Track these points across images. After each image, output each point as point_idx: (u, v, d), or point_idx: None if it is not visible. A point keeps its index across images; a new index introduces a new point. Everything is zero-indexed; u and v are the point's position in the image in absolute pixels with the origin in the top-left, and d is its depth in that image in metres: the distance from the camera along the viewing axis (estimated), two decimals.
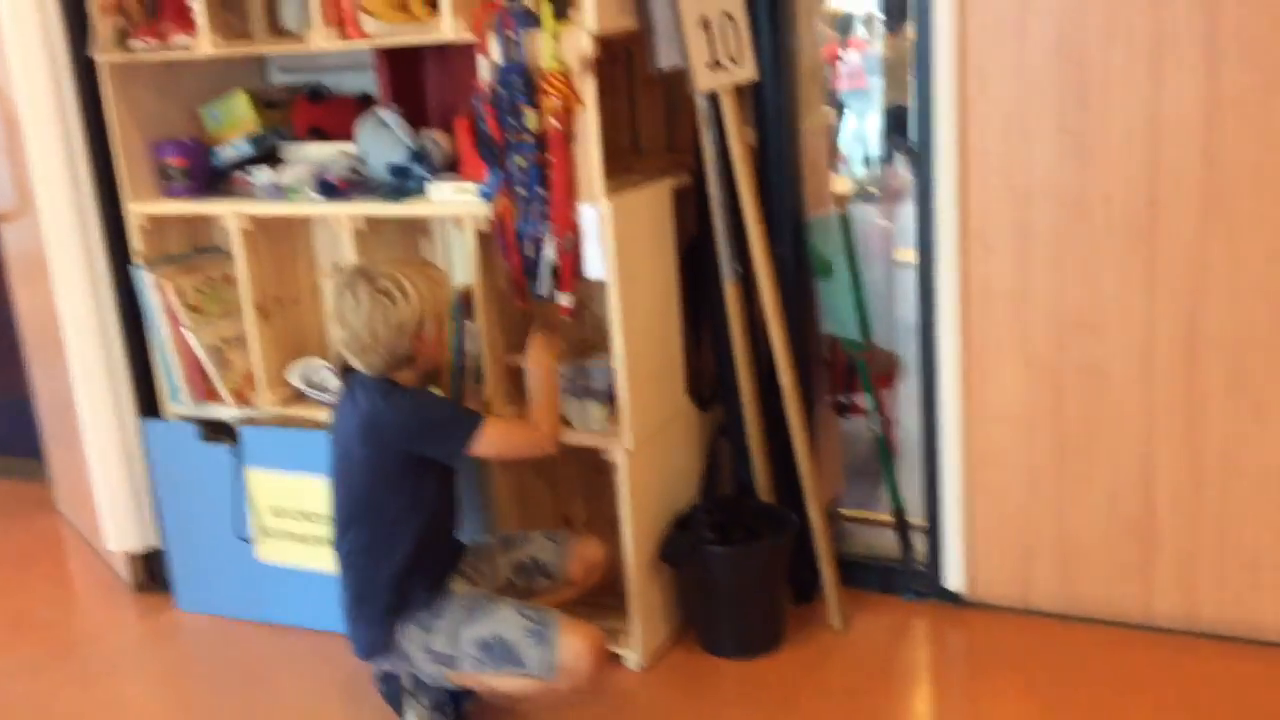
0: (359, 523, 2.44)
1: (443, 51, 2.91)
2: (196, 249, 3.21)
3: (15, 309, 3.86)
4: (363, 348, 2.36)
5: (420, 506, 2.43)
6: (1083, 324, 2.68)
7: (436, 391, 2.63)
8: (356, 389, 2.43)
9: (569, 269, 2.56)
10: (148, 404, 3.23)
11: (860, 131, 8.04)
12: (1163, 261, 2.58)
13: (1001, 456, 2.83)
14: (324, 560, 2.69)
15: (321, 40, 2.67)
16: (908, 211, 2.90)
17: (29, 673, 3.02)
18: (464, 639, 2.38)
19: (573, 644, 2.35)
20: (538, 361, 2.61)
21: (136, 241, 3.07)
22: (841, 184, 3.51)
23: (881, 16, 8.05)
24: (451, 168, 2.87)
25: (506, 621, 2.38)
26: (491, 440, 2.41)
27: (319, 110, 3.16)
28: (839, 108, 8.07)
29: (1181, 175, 2.51)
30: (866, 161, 7.86)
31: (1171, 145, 2.51)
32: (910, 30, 2.71)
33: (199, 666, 3.05)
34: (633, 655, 2.76)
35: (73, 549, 3.74)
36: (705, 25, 2.59)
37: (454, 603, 2.43)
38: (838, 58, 8.05)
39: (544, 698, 2.48)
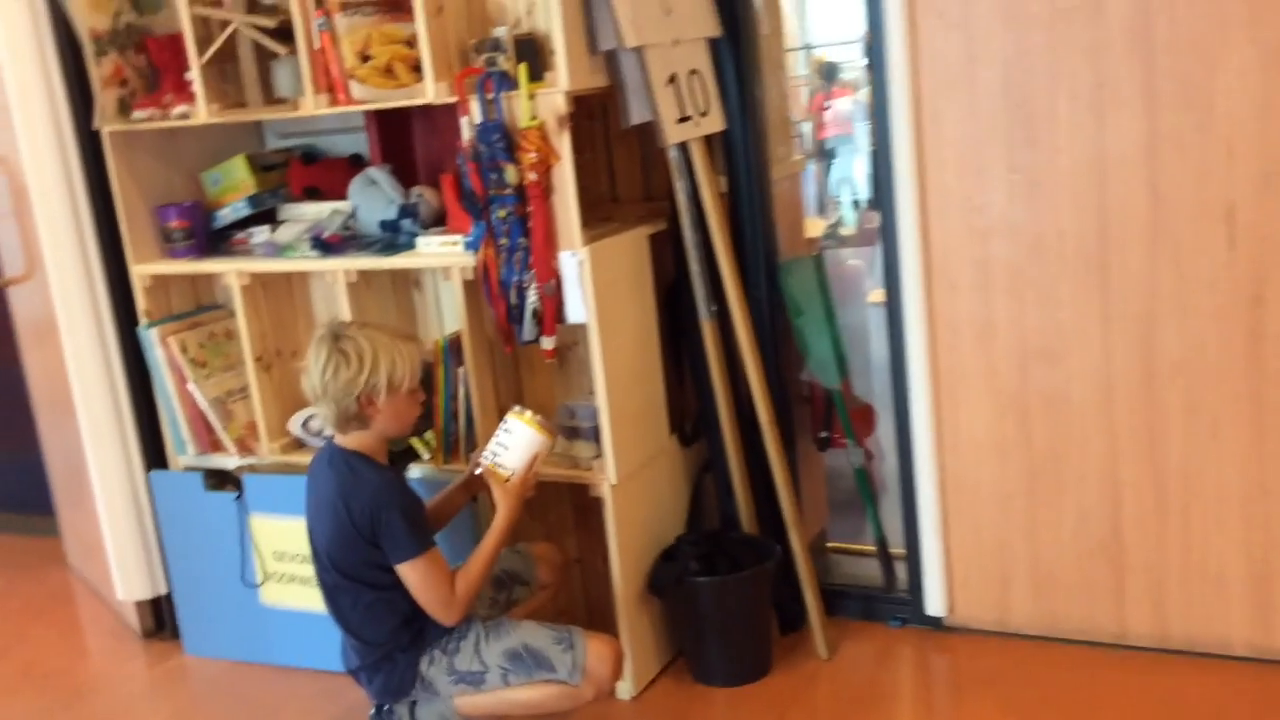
0: (355, 586, 2.49)
1: (429, 112, 3.04)
2: (200, 306, 3.34)
3: (25, 370, 3.99)
4: (315, 398, 2.47)
5: None
6: (1045, 353, 2.80)
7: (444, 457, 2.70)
8: (335, 458, 2.50)
9: (551, 314, 2.69)
10: (155, 456, 3.35)
11: (847, 176, 8.18)
12: (1115, 290, 2.70)
13: (974, 484, 2.94)
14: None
15: (313, 106, 2.81)
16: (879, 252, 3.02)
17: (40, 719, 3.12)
18: (491, 654, 2.49)
19: (598, 649, 2.50)
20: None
21: (141, 301, 3.21)
22: (815, 228, 3.64)
23: (866, 62, 8.20)
24: (439, 221, 3.01)
25: (533, 632, 2.52)
26: (417, 577, 2.43)
27: (313, 171, 3.30)
28: (827, 154, 8.24)
29: (1127, 208, 2.65)
30: (856, 205, 8.00)
31: (1117, 180, 2.64)
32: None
33: (207, 709, 3.14)
34: (624, 685, 2.85)
35: (82, 600, 3.84)
36: (673, 81, 2.74)
37: (471, 626, 2.54)
38: (824, 107, 8.22)
39: (566, 708, 2.55)
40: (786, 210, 3.16)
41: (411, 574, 2.44)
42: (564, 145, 2.61)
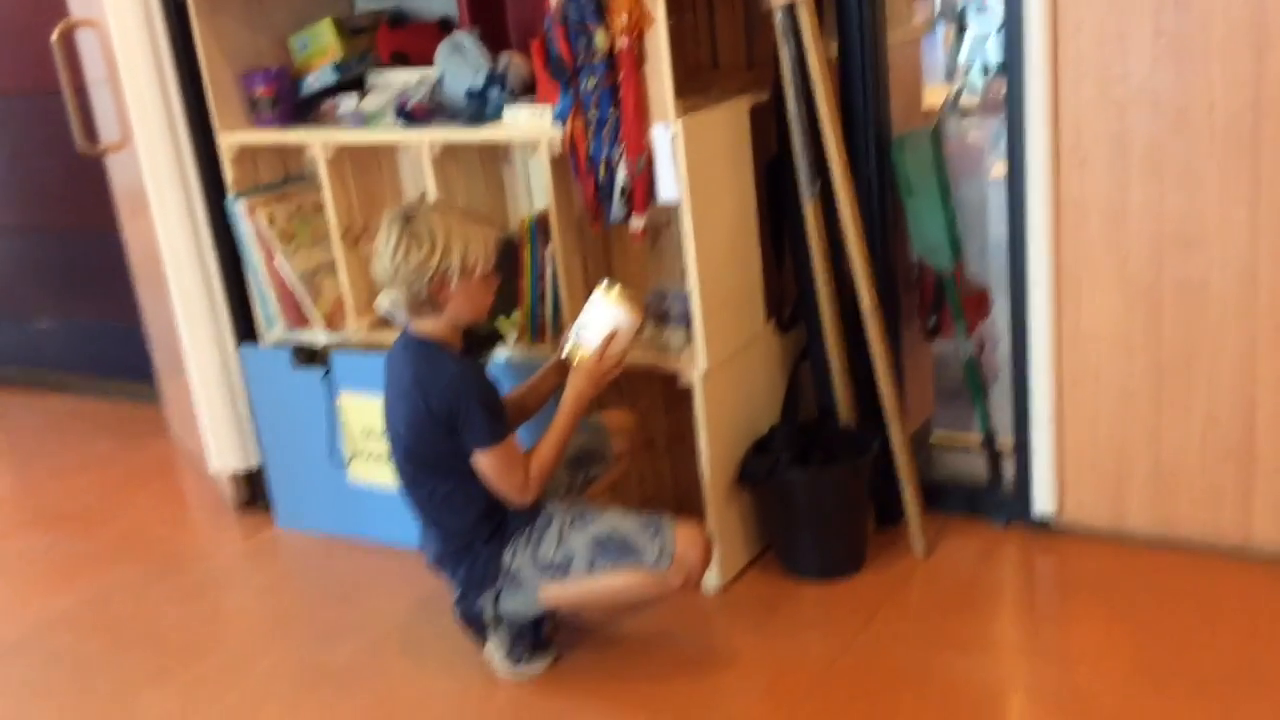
0: (432, 475, 2.45)
1: None
2: (288, 177, 3.27)
3: (124, 240, 4.00)
4: (386, 282, 2.38)
5: None
6: (1182, 239, 2.56)
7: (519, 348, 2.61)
8: (411, 347, 2.44)
9: (642, 192, 2.54)
10: (246, 330, 3.33)
11: (979, 40, 7.75)
12: (1268, 171, 2.43)
13: (1094, 378, 2.74)
14: None
15: None
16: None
17: (136, 586, 3.19)
18: (576, 541, 2.44)
19: (687, 534, 2.44)
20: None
21: (229, 171, 3.14)
22: (936, 96, 3.38)
23: None
24: (530, 90, 2.85)
25: (619, 519, 2.47)
26: (490, 464, 2.38)
27: (401, 36, 3.16)
28: (959, 18, 7.80)
29: None
30: (985, 71, 7.59)
31: (1278, 48, 2.35)
32: None
33: (296, 582, 3.18)
34: (710, 577, 2.77)
35: (182, 469, 3.92)
36: None
37: (554, 514, 2.49)
38: None
39: (652, 596, 2.51)
40: (904, 79, 2.91)
41: (487, 462, 2.39)
42: (658, 7, 2.41)
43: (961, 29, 7.77)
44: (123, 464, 4.02)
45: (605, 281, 2.50)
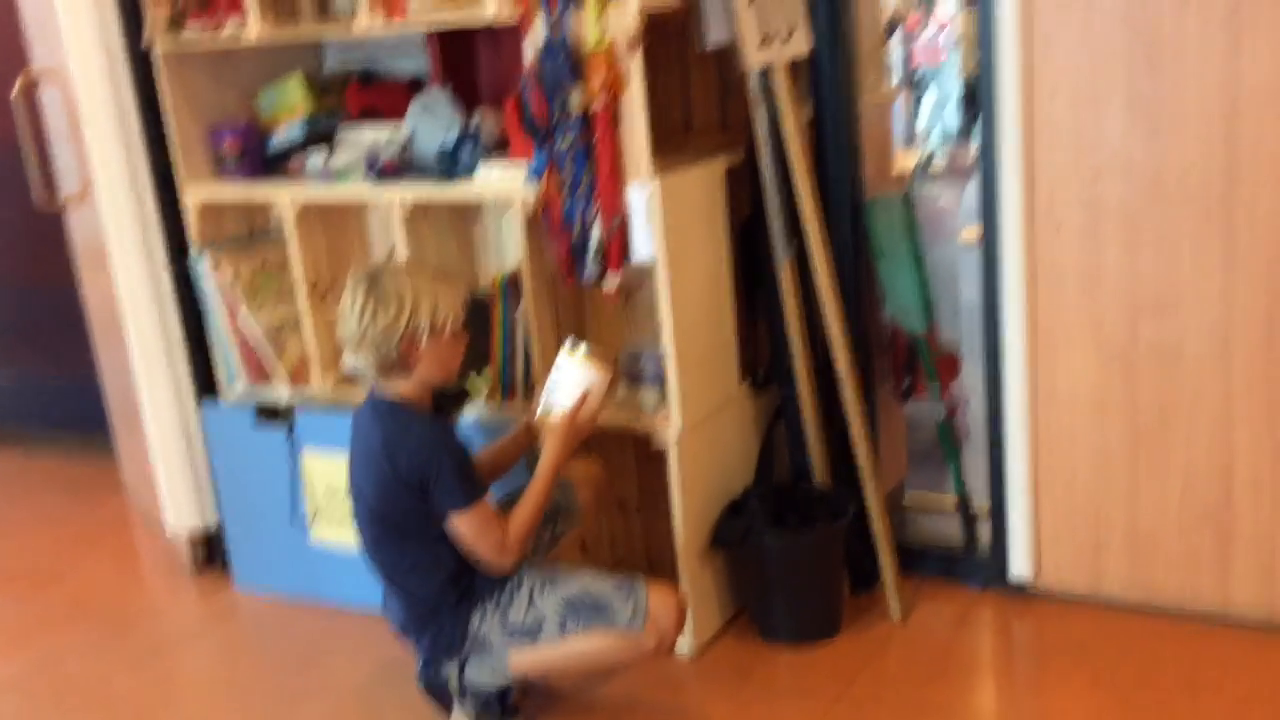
0: (399, 539, 2.38)
1: (494, 31, 2.87)
2: (254, 232, 3.22)
3: (83, 294, 3.92)
4: (355, 345, 2.32)
5: None
6: (1157, 304, 2.56)
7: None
8: (380, 408, 2.38)
9: (616, 251, 2.51)
10: (206, 387, 3.26)
11: (938, 107, 7.88)
12: (1242, 237, 2.45)
13: (1070, 441, 2.73)
14: None
15: (366, 22, 2.64)
16: (975, 188, 2.79)
17: (87, 651, 3.08)
18: (548, 603, 2.38)
19: (661, 595, 2.39)
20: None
21: (194, 226, 3.09)
22: (905, 161, 3.40)
23: None
24: (502, 148, 2.83)
25: (591, 579, 2.41)
26: (466, 526, 2.32)
27: (371, 93, 3.14)
28: (916, 84, 7.92)
29: (1261, 145, 2.38)
30: (944, 137, 7.71)
31: (1250, 114, 2.38)
32: None
33: (254, 646, 3.08)
34: (684, 641, 2.71)
35: (137, 529, 3.81)
36: None
37: (524, 577, 2.42)
38: (918, 24, 7.87)
39: (625, 660, 2.45)
40: (875, 143, 2.92)
41: (462, 524, 2.32)
42: (634, 68, 2.40)
43: (919, 96, 7.91)
44: (75, 522, 3.90)
45: (569, 341, 2.47)
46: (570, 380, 2.43)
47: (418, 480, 2.30)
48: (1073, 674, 2.57)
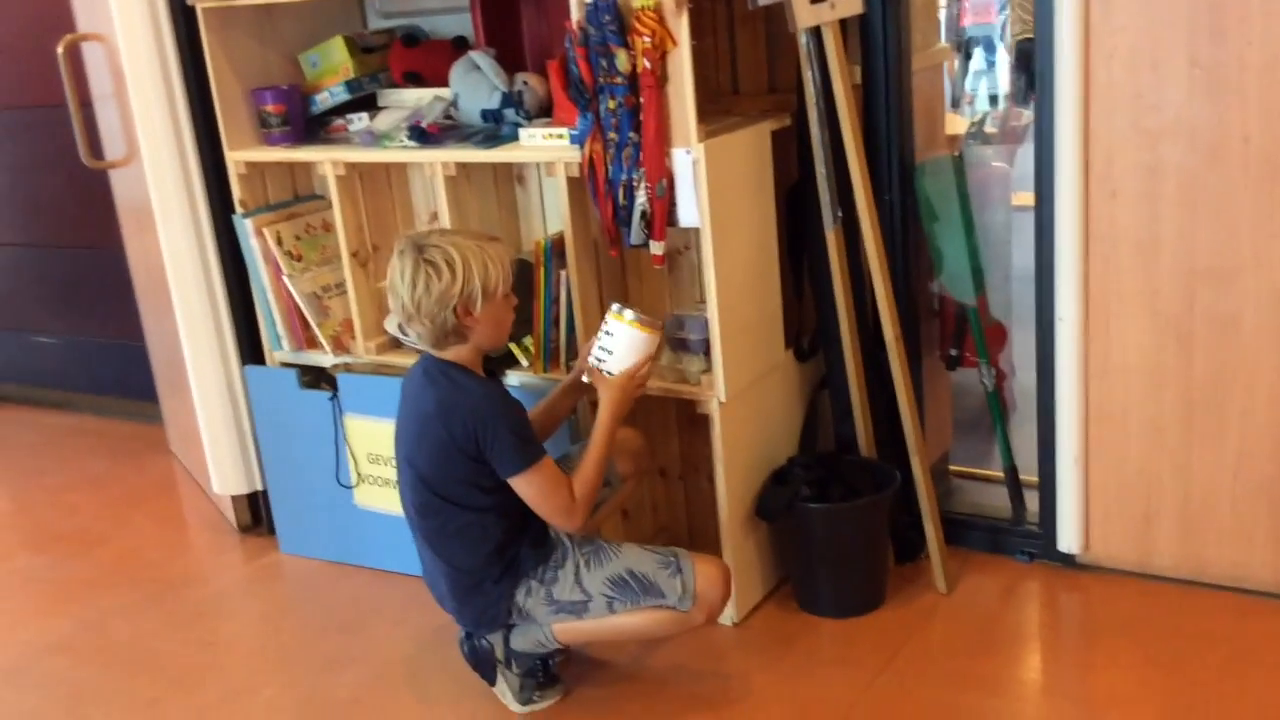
0: (445, 508, 2.36)
1: None
2: (297, 196, 3.21)
3: (127, 256, 3.94)
4: (409, 317, 2.30)
5: (505, 486, 2.34)
6: (1215, 273, 2.50)
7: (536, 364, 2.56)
8: (432, 370, 2.35)
9: (661, 216, 2.47)
10: (251, 350, 3.26)
11: (986, 70, 7.72)
12: None
13: (1123, 413, 2.67)
14: None
15: None
16: (1028, 153, 2.73)
17: (133, 612, 3.11)
18: (593, 582, 2.37)
19: (706, 572, 2.37)
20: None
21: (237, 189, 3.08)
22: (957, 124, 3.33)
23: None
24: (546, 112, 2.79)
25: (636, 557, 2.39)
26: (531, 487, 2.29)
27: (414, 54, 3.11)
28: (965, 45, 7.77)
29: None
30: (993, 101, 7.57)
31: None
32: None
33: (299, 609, 3.10)
34: (727, 610, 2.70)
35: (183, 490, 3.84)
36: None
37: (569, 552, 2.41)
38: None
39: (673, 634, 2.47)
40: (926, 105, 2.86)
41: (526, 486, 2.30)
42: (682, 29, 2.35)
43: (967, 57, 7.75)
44: (122, 484, 3.94)
45: (615, 306, 2.44)
46: (623, 344, 2.40)
47: (473, 442, 2.27)
48: (1120, 649, 2.54)
